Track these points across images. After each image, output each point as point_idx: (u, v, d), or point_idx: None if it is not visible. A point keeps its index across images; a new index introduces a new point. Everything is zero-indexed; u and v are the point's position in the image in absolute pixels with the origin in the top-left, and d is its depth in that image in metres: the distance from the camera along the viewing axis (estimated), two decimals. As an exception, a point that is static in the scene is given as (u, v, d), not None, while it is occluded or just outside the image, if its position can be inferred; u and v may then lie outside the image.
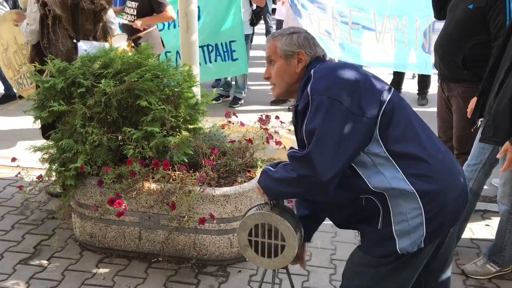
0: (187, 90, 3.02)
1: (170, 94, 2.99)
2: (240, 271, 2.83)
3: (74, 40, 3.35)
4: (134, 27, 4.46)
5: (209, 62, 5.41)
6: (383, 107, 1.65)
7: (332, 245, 3.11)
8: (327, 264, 2.91)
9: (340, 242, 3.14)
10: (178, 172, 2.78)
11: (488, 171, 2.81)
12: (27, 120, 3.73)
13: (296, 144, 1.82)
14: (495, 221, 3.34)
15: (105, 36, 3.52)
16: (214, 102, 3.56)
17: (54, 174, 2.95)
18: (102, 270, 2.83)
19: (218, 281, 2.74)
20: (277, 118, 3.26)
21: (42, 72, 3.20)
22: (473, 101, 2.90)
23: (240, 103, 5.96)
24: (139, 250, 2.92)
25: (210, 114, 3.33)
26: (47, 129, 3.18)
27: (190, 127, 3.11)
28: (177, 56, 5.13)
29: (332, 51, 4.74)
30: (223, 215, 2.74)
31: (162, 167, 2.72)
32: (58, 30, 3.30)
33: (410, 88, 6.54)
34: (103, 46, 3.31)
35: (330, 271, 2.85)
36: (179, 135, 2.90)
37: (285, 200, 1.93)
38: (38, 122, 3.12)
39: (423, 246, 1.67)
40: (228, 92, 6.16)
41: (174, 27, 5.29)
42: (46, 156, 3.00)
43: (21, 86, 4.18)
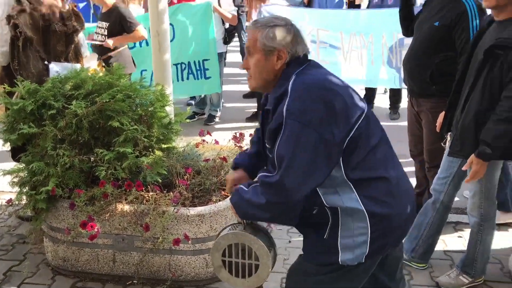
0: (160, 109, 3.02)
1: (143, 114, 2.98)
2: (216, 291, 2.80)
3: (46, 62, 3.32)
4: (104, 47, 4.45)
5: (181, 80, 5.42)
6: (351, 133, 1.67)
7: (286, 251, 3.13)
8: (279, 269, 2.89)
9: (293, 248, 3.16)
10: (151, 193, 2.75)
11: (457, 184, 2.87)
12: (-3, 143, 3.65)
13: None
14: (467, 232, 3.39)
15: (77, 58, 3.50)
16: (188, 120, 3.56)
17: (24, 197, 2.89)
18: (75, 295, 2.77)
19: (195, 302, 2.71)
20: (251, 135, 3.26)
21: (12, 94, 3.15)
22: (441, 115, 2.97)
23: (216, 120, 5.97)
24: (113, 273, 2.87)
25: (185, 133, 3.33)
26: (18, 151, 3.12)
27: (164, 146, 3.09)
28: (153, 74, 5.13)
29: None
30: (198, 235, 2.72)
31: (135, 188, 2.69)
32: (29, 52, 3.27)
33: (382, 102, 6.64)
34: (74, 67, 3.29)
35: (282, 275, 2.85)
36: (152, 155, 2.89)
37: None
38: (7, 145, 3.07)
39: (363, 262, 1.72)
40: (203, 110, 6.16)
41: (147, 44, 5.29)
42: (16, 180, 2.94)
43: (-10, 109, 4.11)
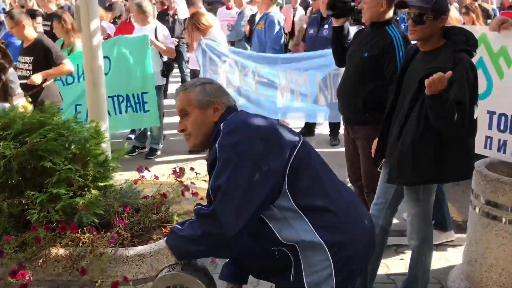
0: (95, 147, 2.92)
1: (77, 152, 2.87)
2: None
3: (-29, 101, 3.16)
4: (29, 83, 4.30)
5: (119, 113, 5.31)
6: (291, 161, 1.69)
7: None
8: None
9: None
10: (88, 234, 2.63)
11: (394, 208, 2.96)
12: None
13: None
14: (408, 254, 3.47)
15: (5, 96, 3.36)
16: (127, 156, 3.47)
17: None
18: None
19: None
20: (192, 169, 3.23)
21: None
22: (375, 142, 3.07)
23: (157, 154, 5.87)
24: (48, 322, 2.69)
25: (126, 168, 3.24)
26: None
27: (101, 185, 2.98)
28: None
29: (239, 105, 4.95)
30: (138, 276, 2.61)
31: (69, 231, 2.57)
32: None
33: (322, 129, 6.81)
34: (2, 106, 3.15)
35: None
36: (88, 195, 2.77)
37: None
38: None
39: None
40: (144, 144, 6.05)
41: (84, 79, 5.17)
42: None
43: None
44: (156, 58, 5.61)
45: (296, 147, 1.75)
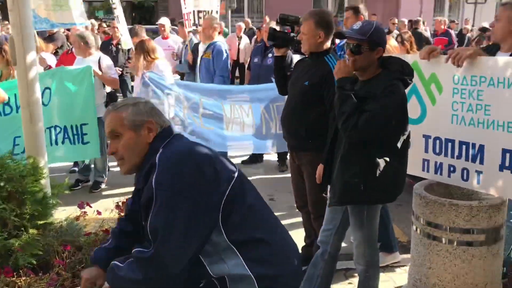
0: (32, 184, 2.80)
1: (13, 190, 2.74)
2: None
3: None
4: None
5: (55, 144, 5.13)
6: (225, 195, 1.68)
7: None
8: None
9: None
10: (24, 278, 2.50)
11: (341, 234, 3.00)
12: None
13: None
14: (357, 278, 3.53)
15: None
16: (67, 192, 3.35)
17: None
18: None
19: None
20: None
21: None
22: (320, 167, 3.12)
23: (102, 187, 5.70)
24: None
25: (69, 203, 3.12)
26: None
27: (39, 223, 2.85)
28: None
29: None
30: (80, 318, 2.49)
31: (3, 275, 2.42)
32: None
33: (270, 155, 6.86)
34: None
35: None
36: (25, 235, 2.64)
37: None
38: None
39: None
40: (87, 177, 5.86)
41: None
42: None
43: None
44: (99, 89, 5.50)
45: (232, 180, 1.72)
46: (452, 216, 2.84)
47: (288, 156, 6.42)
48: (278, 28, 3.75)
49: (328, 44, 3.33)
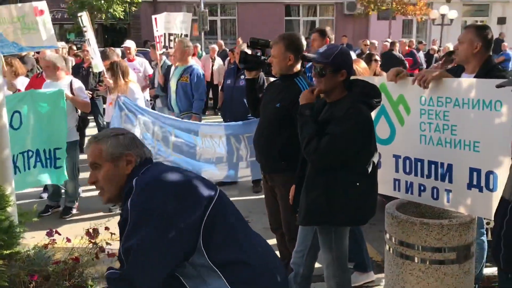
0: (-3, 213, 2.71)
1: (-23, 219, 2.65)
2: None
3: None
4: None
5: (27, 169, 5.01)
6: (205, 216, 1.68)
7: None
8: None
9: None
10: (-12, 311, 2.40)
11: (314, 255, 3.00)
12: None
13: None
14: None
15: None
16: (35, 219, 3.27)
17: None
18: None
19: None
20: (107, 229, 3.09)
21: None
22: (292, 188, 3.13)
23: (72, 212, 5.57)
24: None
25: (39, 229, 3.03)
26: None
27: (5, 253, 2.76)
28: None
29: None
30: None
31: (-34, 309, 2.33)
32: None
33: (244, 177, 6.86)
34: None
35: None
36: (-10, 265, 2.55)
37: None
38: None
39: None
40: (58, 203, 5.73)
41: None
42: None
43: None
44: (71, 113, 5.43)
45: (212, 201, 1.73)
46: (424, 235, 2.87)
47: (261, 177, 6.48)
48: (249, 51, 3.78)
49: (298, 66, 3.38)
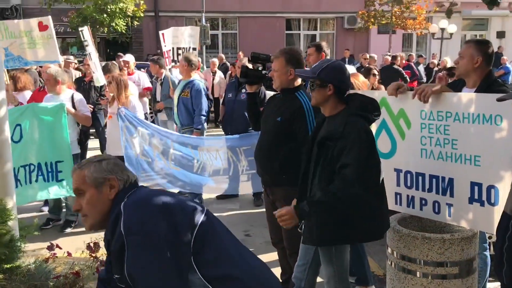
0: (-1, 227, 2.72)
1: (-22, 233, 2.65)
2: None
3: None
4: None
5: (29, 182, 5.02)
6: (195, 232, 1.69)
7: None
8: None
9: None
10: (-12, 326, 2.39)
11: (316, 269, 2.99)
12: None
13: None
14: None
15: None
16: (36, 233, 3.26)
17: None
18: None
19: None
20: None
21: None
22: (294, 202, 3.12)
23: (73, 225, 5.56)
24: None
25: (39, 244, 3.03)
26: None
27: (6, 267, 2.76)
28: None
29: (151, 175, 5.11)
30: None
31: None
32: None
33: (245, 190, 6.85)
34: None
35: None
36: (-10, 280, 2.55)
37: None
38: None
39: None
40: (58, 216, 5.72)
41: None
42: None
43: None
44: (73, 126, 5.45)
45: (199, 219, 1.76)
46: (426, 250, 2.86)
47: (263, 191, 6.47)
48: (250, 65, 3.81)
49: (299, 81, 3.40)
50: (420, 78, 13.15)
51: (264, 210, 3.95)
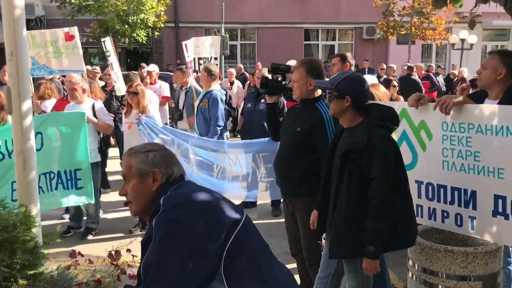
0: (23, 233, 2.76)
1: (4, 239, 2.70)
2: None
3: None
4: None
5: (50, 190, 5.10)
6: (229, 242, 1.68)
7: None
8: None
9: None
10: (12, 331, 2.43)
11: (338, 281, 2.97)
12: None
13: None
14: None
15: None
16: (59, 240, 3.31)
17: None
18: None
19: None
20: (128, 251, 3.12)
21: None
22: (314, 213, 3.11)
23: (94, 233, 5.62)
24: None
25: (60, 251, 3.07)
26: None
27: (29, 273, 2.80)
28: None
29: None
30: None
31: (-9, 329, 2.36)
32: None
33: (263, 199, 6.84)
34: None
35: None
36: (14, 285, 2.59)
37: None
38: None
39: None
40: (79, 223, 5.79)
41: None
42: None
43: None
44: (93, 135, 5.54)
45: (237, 226, 1.73)
46: (448, 263, 2.82)
47: (282, 201, 6.46)
48: (270, 76, 3.83)
49: (319, 91, 3.40)
50: (440, 88, 13.03)
51: (282, 220, 3.94)
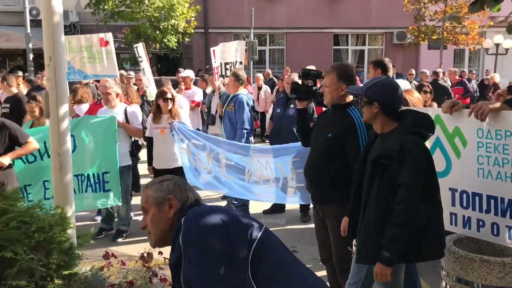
0: (59, 234, 2.83)
1: (41, 240, 2.78)
2: None
3: None
4: None
5: (80, 192, 5.25)
6: (252, 248, 1.71)
7: None
8: None
9: None
10: (49, 329, 2.49)
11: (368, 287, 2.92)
12: None
13: None
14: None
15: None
16: (92, 241, 3.38)
17: None
18: None
19: None
20: (160, 253, 3.16)
21: None
22: (345, 220, 3.09)
23: (125, 235, 5.71)
24: None
25: (92, 253, 3.13)
26: None
27: (65, 273, 2.87)
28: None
29: (209, 183, 5.24)
30: None
31: (29, 327, 2.42)
32: None
33: (293, 205, 6.82)
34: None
35: None
36: (51, 285, 2.66)
37: None
38: None
39: None
40: (110, 226, 5.89)
41: (48, 156, 5.12)
42: None
43: None
44: (125, 139, 5.64)
45: (257, 234, 1.79)
46: (484, 273, 2.75)
47: (311, 207, 6.42)
48: (300, 81, 3.82)
49: (350, 96, 3.38)
50: (473, 94, 12.76)
51: (311, 226, 3.92)
